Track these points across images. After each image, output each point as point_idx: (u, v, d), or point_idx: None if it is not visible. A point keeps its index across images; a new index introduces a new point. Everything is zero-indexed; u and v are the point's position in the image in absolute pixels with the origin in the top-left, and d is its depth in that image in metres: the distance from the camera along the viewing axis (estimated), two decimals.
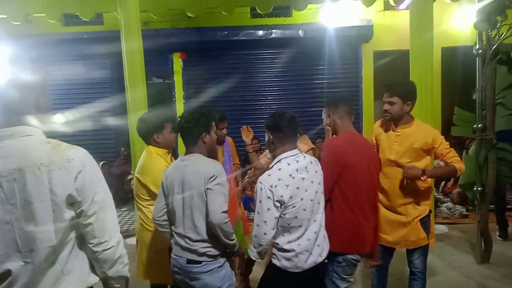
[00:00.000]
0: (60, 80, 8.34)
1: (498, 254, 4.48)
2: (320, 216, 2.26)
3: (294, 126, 2.24)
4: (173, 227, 2.32)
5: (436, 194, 6.58)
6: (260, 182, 2.13)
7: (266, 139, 2.32)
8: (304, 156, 2.26)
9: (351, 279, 2.46)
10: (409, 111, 2.81)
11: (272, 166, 2.22)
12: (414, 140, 2.74)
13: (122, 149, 8.14)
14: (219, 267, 2.24)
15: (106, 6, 5.67)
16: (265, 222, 2.09)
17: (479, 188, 4.29)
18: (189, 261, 2.21)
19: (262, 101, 8.79)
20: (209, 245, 2.21)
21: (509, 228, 5.06)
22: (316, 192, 2.22)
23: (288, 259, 2.17)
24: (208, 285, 2.20)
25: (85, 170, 1.42)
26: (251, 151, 3.52)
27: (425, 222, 2.83)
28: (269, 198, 2.08)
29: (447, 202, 6.57)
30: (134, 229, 5.88)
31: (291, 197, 2.11)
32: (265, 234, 2.10)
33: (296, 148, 2.26)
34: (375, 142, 2.98)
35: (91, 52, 7.79)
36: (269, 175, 2.15)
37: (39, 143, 1.42)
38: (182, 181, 2.22)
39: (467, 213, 6.13)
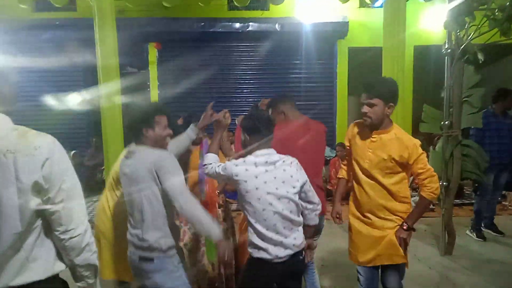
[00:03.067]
0: (30, 67, 8.11)
1: (461, 246, 4.66)
2: (281, 208, 2.15)
3: (271, 127, 2.23)
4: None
5: None
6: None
7: (242, 139, 2.27)
8: (280, 156, 2.21)
9: None
10: (389, 115, 2.50)
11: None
12: (389, 150, 2.44)
13: (94, 139, 7.96)
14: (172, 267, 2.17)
15: None
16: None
17: (444, 183, 4.43)
18: (141, 259, 2.15)
19: (238, 94, 8.80)
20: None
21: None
22: (277, 188, 2.14)
23: (263, 249, 2.14)
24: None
25: (52, 158, 1.41)
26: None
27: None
28: (226, 169, 2.19)
29: (415, 196, 6.76)
30: None
31: (246, 181, 2.12)
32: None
33: (270, 147, 2.21)
34: (348, 145, 2.76)
35: (63, 39, 7.60)
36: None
37: (6, 129, 1.40)
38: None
39: (434, 207, 6.33)
